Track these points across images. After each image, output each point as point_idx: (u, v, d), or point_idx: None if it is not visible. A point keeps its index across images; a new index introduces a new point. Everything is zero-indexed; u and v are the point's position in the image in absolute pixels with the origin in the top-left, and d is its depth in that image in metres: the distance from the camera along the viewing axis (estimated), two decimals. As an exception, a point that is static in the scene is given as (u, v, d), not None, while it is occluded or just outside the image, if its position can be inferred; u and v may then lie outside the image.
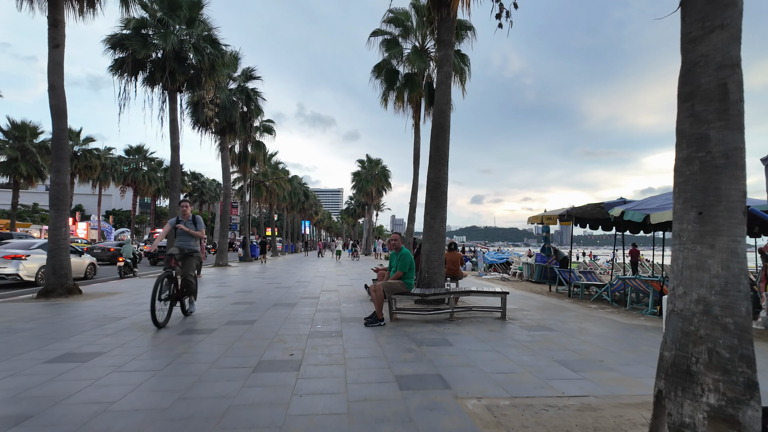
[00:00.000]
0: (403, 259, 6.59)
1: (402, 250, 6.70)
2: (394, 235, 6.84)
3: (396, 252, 6.78)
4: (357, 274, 17.31)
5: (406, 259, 6.59)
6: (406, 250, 6.74)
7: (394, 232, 6.92)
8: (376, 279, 9.22)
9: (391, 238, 6.84)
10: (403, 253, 6.65)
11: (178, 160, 16.82)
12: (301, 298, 9.48)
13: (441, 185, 7.91)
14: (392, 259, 6.85)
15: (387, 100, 16.85)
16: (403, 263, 6.57)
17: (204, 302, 8.82)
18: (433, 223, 7.90)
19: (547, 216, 10.68)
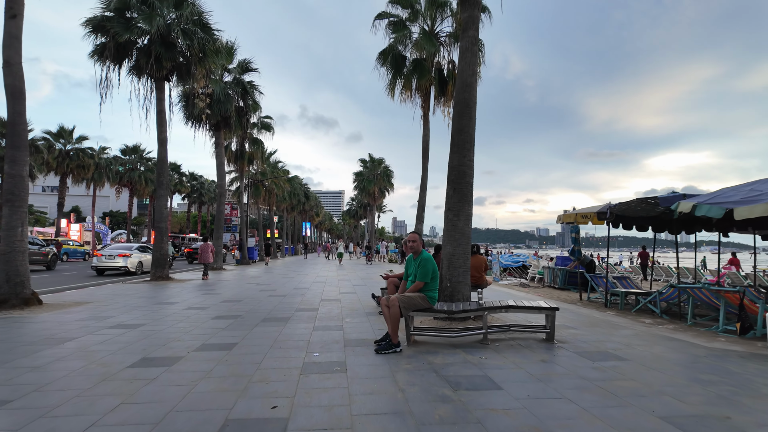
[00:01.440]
0: (425, 266, 5.14)
1: (422, 255, 5.26)
2: (412, 236, 5.40)
3: (414, 256, 5.35)
4: (360, 279, 15.86)
5: (429, 265, 5.15)
6: (428, 254, 5.29)
7: (411, 232, 5.46)
8: (386, 288, 7.79)
9: (408, 238, 5.41)
10: (423, 258, 5.20)
11: (165, 155, 15.41)
12: (296, 310, 8.04)
13: (466, 175, 6.48)
14: (409, 266, 5.41)
15: (394, 90, 15.44)
16: (425, 271, 5.13)
17: (180, 316, 7.37)
18: (456, 220, 6.45)
19: (582, 214, 9.23)
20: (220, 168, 22.11)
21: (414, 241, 5.32)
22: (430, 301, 5.15)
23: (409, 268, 5.40)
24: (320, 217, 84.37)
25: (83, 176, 38.44)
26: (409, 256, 5.48)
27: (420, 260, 5.19)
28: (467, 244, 6.54)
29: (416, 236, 5.37)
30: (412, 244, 5.33)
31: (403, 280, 5.50)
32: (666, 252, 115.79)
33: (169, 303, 9.05)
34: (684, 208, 6.19)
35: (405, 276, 5.49)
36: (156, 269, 14.74)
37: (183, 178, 61.19)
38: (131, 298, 9.89)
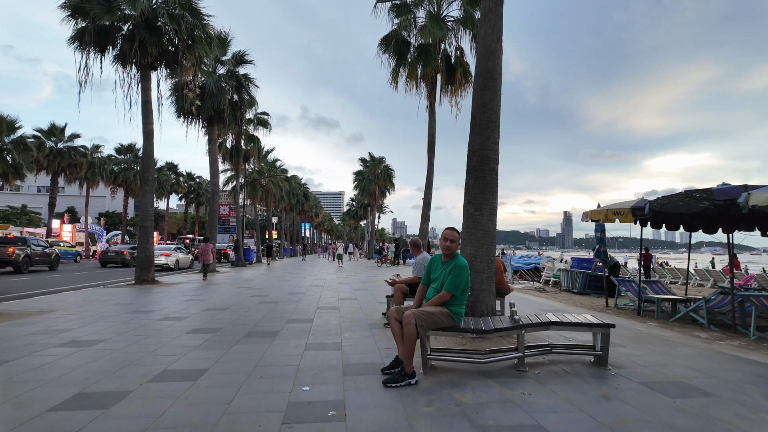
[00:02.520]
0: (458, 275, 3.99)
1: (457, 260, 4.09)
2: (450, 232, 4.19)
3: (445, 258, 4.19)
4: (361, 282, 14.75)
5: (463, 275, 4.01)
6: (464, 261, 4.13)
7: (448, 228, 4.24)
8: (392, 296, 6.67)
9: (446, 235, 4.18)
10: (459, 265, 4.04)
11: (151, 149, 14.29)
12: (288, 321, 6.92)
13: (490, 160, 5.37)
14: (434, 269, 4.27)
15: (397, 79, 14.34)
16: (456, 281, 3.98)
17: (151, 329, 6.26)
18: (478, 216, 5.34)
19: (614, 210, 8.11)
20: (214, 165, 21.00)
21: (452, 240, 4.15)
22: (455, 319, 4.03)
23: (434, 271, 4.27)
24: (320, 218, 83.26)
25: (75, 175, 37.33)
26: (434, 258, 4.35)
27: (453, 266, 4.04)
28: (492, 243, 5.42)
29: (455, 233, 4.21)
30: (449, 243, 4.14)
31: (422, 284, 4.35)
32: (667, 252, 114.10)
33: (144, 312, 7.94)
34: (759, 200, 5.06)
35: (424, 280, 4.36)
36: (140, 272, 13.62)
37: (180, 179, 60.05)
38: (105, 305, 8.78)
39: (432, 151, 13.96)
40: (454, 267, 4.04)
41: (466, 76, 13.78)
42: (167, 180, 54.99)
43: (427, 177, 14.05)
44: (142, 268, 13.69)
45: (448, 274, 4.04)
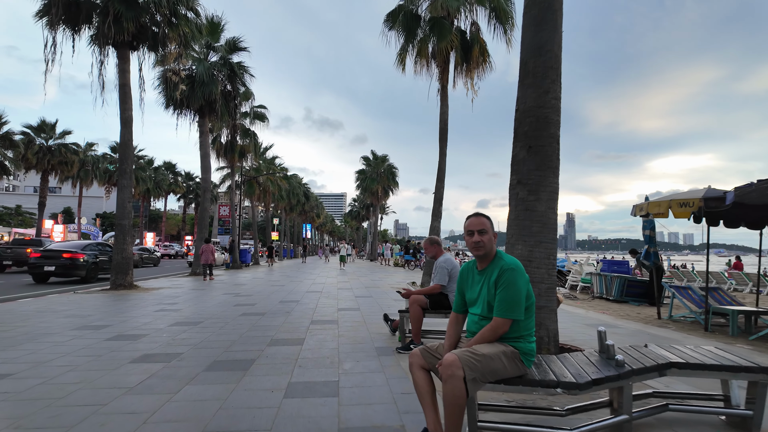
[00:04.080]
0: (512, 285, 2.36)
1: (502, 261, 2.44)
2: (477, 220, 2.61)
3: (481, 264, 2.59)
4: (364, 288, 13.15)
5: (519, 282, 2.40)
6: (513, 260, 2.51)
7: (472, 215, 2.64)
8: (405, 311, 5.09)
9: (469, 225, 2.63)
10: (508, 268, 2.39)
11: (130, 138, 12.76)
12: (270, 344, 5.33)
13: (549, 123, 3.75)
14: (467, 284, 2.65)
15: (404, 60, 12.77)
16: (513, 295, 2.36)
17: (89, 354, 4.67)
18: (533, 201, 3.67)
19: (680, 201, 6.49)
20: (205, 159, 19.45)
21: (482, 231, 2.51)
22: (525, 361, 2.43)
23: (468, 288, 2.67)
24: (321, 219, 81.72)
25: (67, 174, 35.88)
26: (466, 268, 2.73)
27: (499, 273, 2.42)
28: (553, 241, 3.80)
29: (484, 220, 2.60)
30: (478, 238, 2.54)
31: (455, 312, 2.76)
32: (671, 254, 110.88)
33: (94, 328, 6.37)
34: None
35: (457, 304, 2.76)
36: (116, 276, 12.07)
37: (179, 178, 58.67)
38: (54, 318, 7.22)
39: (444, 138, 12.36)
40: (502, 274, 2.42)
41: (484, 54, 12.20)
42: (165, 180, 53.63)
43: (439, 168, 12.44)
44: (119, 271, 12.15)
45: (495, 288, 2.43)
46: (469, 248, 2.53)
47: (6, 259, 18.97)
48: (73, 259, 14.42)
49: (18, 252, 18.96)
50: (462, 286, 2.71)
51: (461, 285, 2.72)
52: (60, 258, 14.24)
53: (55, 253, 14.54)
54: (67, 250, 14.73)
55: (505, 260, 2.48)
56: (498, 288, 2.41)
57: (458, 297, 2.74)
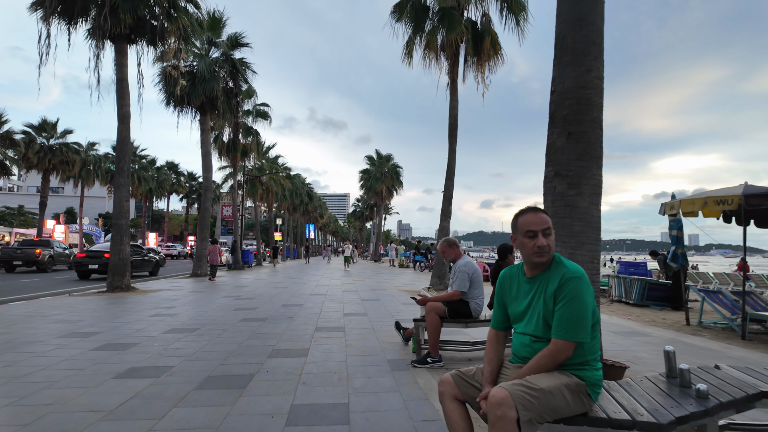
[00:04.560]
0: (578, 299, 1.88)
1: (565, 267, 1.97)
2: (537, 217, 2.04)
3: (531, 272, 2.07)
4: (370, 290, 12.65)
5: (586, 295, 1.90)
6: (577, 268, 2.00)
7: (531, 209, 2.07)
8: (421, 320, 4.58)
9: (529, 222, 2.03)
10: (572, 276, 1.92)
11: (128, 135, 12.32)
12: (271, 355, 4.83)
13: (591, 105, 3.24)
14: (513, 299, 2.12)
15: (412, 52, 12.27)
16: (579, 311, 1.87)
17: (71, 367, 4.20)
18: (574, 196, 3.11)
19: (717, 199, 5.95)
20: (206, 158, 19.00)
21: (546, 231, 1.99)
22: (592, 394, 1.93)
23: (513, 301, 2.15)
24: (324, 219, 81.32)
25: (68, 173, 35.51)
26: (508, 275, 2.20)
27: (561, 283, 1.91)
28: (597, 242, 3.26)
29: (549, 219, 2.03)
30: (543, 242, 1.95)
31: (493, 328, 2.24)
32: None
33: (83, 335, 5.90)
34: None
35: (496, 320, 2.24)
36: (113, 277, 11.64)
37: (181, 178, 58.35)
38: (43, 323, 6.77)
39: (454, 134, 11.84)
40: (565, 284, 1.90)
41: (496, 46, 11.68)
42: (167, 180, 53.31)
43: (448, 165, 11.93)
44: (116, 273, 11.71)
45: (554, 302, 1.92)
46: (526, 254, 2.01)
47: (16, 260, 19.43)
48: None
49: (27, 252, 19.56)
50: (503, 297, 2.20)
51: (502, 295, 2.21)
52: (102, 258, 15.82)
53: (97, 253, 16.46)
54: (108, 250, 15.90)
55: (567, 266, 1.97)
56: (559, 302, 1.90)
57: (498, 311, 2.23)
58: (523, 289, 2.08)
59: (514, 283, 2.15)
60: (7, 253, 19.67)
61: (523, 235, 1.98)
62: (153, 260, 19.37)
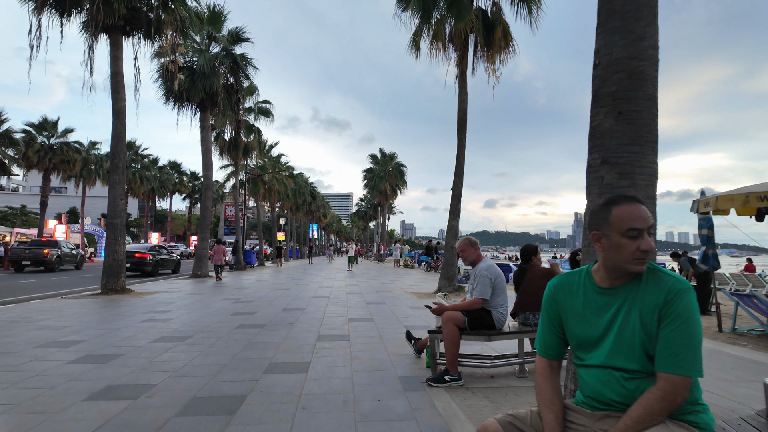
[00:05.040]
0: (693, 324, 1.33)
1: (684, 283, 1.40)
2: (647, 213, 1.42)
3: (613, 280, 1.49)
4: (375, 292, 12.11)
5: (700, 322, 1.37)
6: (683, 279, 1.44)
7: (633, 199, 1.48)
8: (437, 331, 4.04)
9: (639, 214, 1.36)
10: (690, 297, 1.37)
11: (123, 130, 11.83)
12: (267, 370, 4.30)
13: (645, 80, 2.70)
14: (579, 315, 1.57)
15: (419, 43, 11.71)
16: (697, 339, 1.33)
17: (39, 385, 3.68)
18: (627, 188, 2.56)
19: (762, 194, 5.35)
20: (206, 156, 18.51)
21: (651, 227, 1.42)
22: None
23: (578, 318, 1.57)
24: (328, 219, 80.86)
25: (69, 173, 35.14)
26: (563, 282, 1.64)
27: (670, 297, 1.36)
28: (654, 243, 2.78)
29: (650, 214, 1.46)
30: (649, 244, 1.34)
31: (543, 356, 1.67)
32: None
33: (64, 343, 5.39)
34: None
35: (547, 344, 1.66)
36: (107, 279, 11.16)
37: (184, 178, 58.01)
38: (22, 331, 6.28)
39: (463, 129, 11.27)
40: (675, 299, 1.36)
41: (507, 37, 11.10)
42: (170, 179, 52.98)
43: (457, 161, 11.36)
44: (110, 274, 11.23)
45: (659, 322, 1.37)
46: (622, 260, 1.44)
47: (25, 259, 19.94)
48: (143, 258, 18.16)
49: (36, 252, 20.11)
50: (558, 314, 1.64)
51: (556, 312, 1.65)
52: (133, 257, 17.78)
53: (129, 253, 17.39)
54: (138, 251, 18.57)
55: (669, 275, 1.42)
56: (669, 323, 1.34)
57: (550, 332, 1.66)
58: (596, 303, 1.53)
59: (577, 294, 1.59)
60: (17, 253, 20.22)
61: (622, 234, 1.40)
62: (176, 259, 21.15)
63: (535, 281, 4.35)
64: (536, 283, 4.35)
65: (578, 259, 4.65)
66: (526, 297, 4.36)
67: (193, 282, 15.48)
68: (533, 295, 4.32)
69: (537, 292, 4.32)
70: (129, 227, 63.96)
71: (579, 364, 1.58)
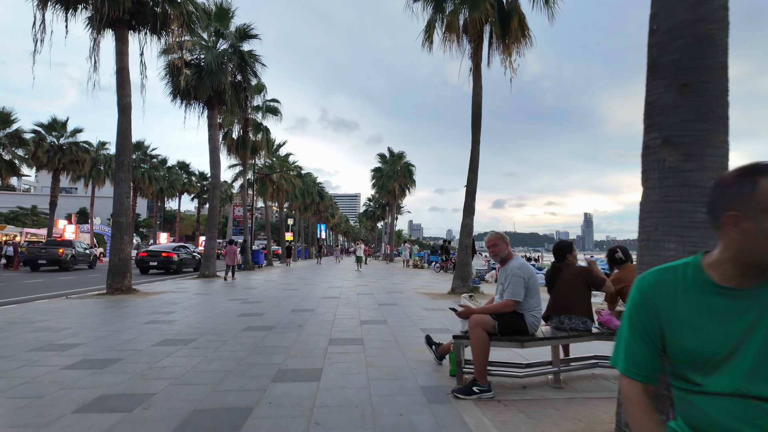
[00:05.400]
0: None
1: None
2: None
3: (744, 279, 1.11)
4: (386, 293, 11.73)
5: None
6: None
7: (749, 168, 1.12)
8: (462, 336, 3.65)
9: None
10: None
11: (128, 127, 11.58)
12: (276, 378, 3.94)
13: (714, 45, 2.32)
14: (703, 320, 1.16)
15: (432, 35, 11.32)
16: None
17: (27, 394, 3.35)
18: (694, 172, 2.19)
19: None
20: (214, 154, 18.27)
21: None
22: None
23: (687, 329, 1.16)
24: (336, 219, 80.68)
25: (78, 173, 35.22)
26: (660, 280, 1.25)
27: None
28: None
29: None
30: None
31: (641, 382, 1.28)
32: None
33: (61, 347, 5.09)
34: None
35: (640, 363, 1.26)
36: (112, 279, 10.91)
37: (192, 178, 58.13)
38: (24, 329, 6.00)
39: (477, 124, 10.85)
40: None
41: (523, 28, 10.67)
42: (178, 179, 53.07)
43: (471, 157, 10.94)
44: (115, 274, 10.99)
45: None
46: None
47: (41, 258, 20.39)
48: (169, 257, 19.32)
49: (51, 252, 20.54)
50: (659, 322, 1.23)
51: (653, 318, 1.23)
52: (160, 256, 19.37)
53: (156, 252, 19.88)
54: (164, 250, 20.12)
55: None
56: None
57: (642, 347, 1.25)
58: (718, 308, 1.13)
59: (685, 296, 1.18)
60: (33, 252, 20.71)
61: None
62: (198, 258, 22.11)
63: (570, 281, 3.95)
64: (571, 284, 3.95)
65: (617, 257, 4.24)
66: (560, 299, 3.96)
67: (201, 282, 15.21)
68: (568, 296, 3.92)
69: (572, 294, 3.92)
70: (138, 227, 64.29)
71: (693, 390, 1.18)
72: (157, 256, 19.31)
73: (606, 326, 3.93)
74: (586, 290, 3.96)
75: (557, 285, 4.04)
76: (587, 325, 3.87)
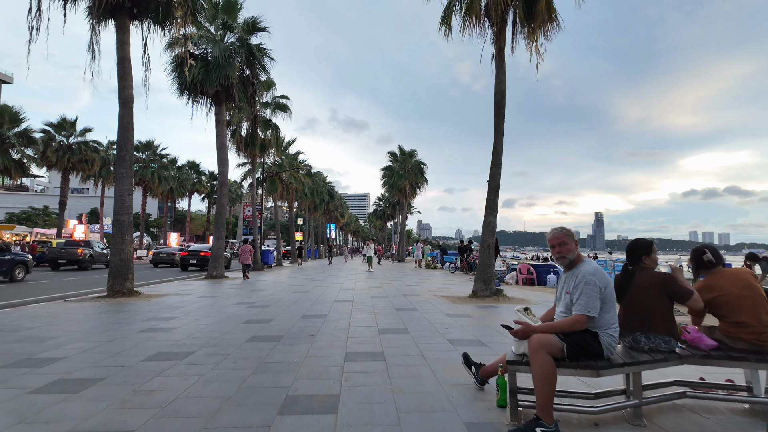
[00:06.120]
0: None
1: None
2: None
3: None
4: (402, 295, 10.97)
5: None
6: None
7: None
8: (520, 362, 2.88)
9: None
10: None
11: (130, 120, 10.98)
12: (284, 408, 3.21)
13: None
14: None
15: (450, 19, 10.53)
16: None
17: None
18: None
19: None
20: (222, 151, 17.65)
21: None
22: None
23: None
24: (345, 219, 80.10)
25: (88, 172, 35.08)
26: None
27: None
28: None
29: None
30: None
31: None
32: None
33: (39, 361, 4.43)
34: None
35: None
36: (113, 281, 10.32)
37: (202, 178, 57.98)
38: (5, 338, 5.35)
39: (500, 114, 10.03)
40: None
41: (550, 9, 9.85)
42: (188, 179, 52.84)
43: (494, 150, 10.13)
44: (116, 275, 10.39)
45: None
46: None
47: (61, 258, 21.06)
48: (206, 256, 20.44)
49: (71, 251, 21.29)
50: None
51: None
52: (199, 255, 21.72)
53: (195, 252, 22.07)
54: (203, 249, 22.17)
55: None
56: None
57: None
58: None
59: None
60: (53, 252, 21.39)
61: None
62: (229, 256, 23.35)
63: (646, 289, 3.16)
64: (648, 293, 3.16)
65: (706, 260, 3.44)
66: (634, 311, 3.18)
67: (208, 283, 14.60)
68: (644, 308, 3.14)
69: (649, 305, 3.14)
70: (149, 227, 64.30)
71: None
72: (196, 255, 21.70)
73: (695, 346, 3.14)
74: (668, 302, 3.17)
75: (629, 293, 3.25)
76: (671, 345, 3.09)
